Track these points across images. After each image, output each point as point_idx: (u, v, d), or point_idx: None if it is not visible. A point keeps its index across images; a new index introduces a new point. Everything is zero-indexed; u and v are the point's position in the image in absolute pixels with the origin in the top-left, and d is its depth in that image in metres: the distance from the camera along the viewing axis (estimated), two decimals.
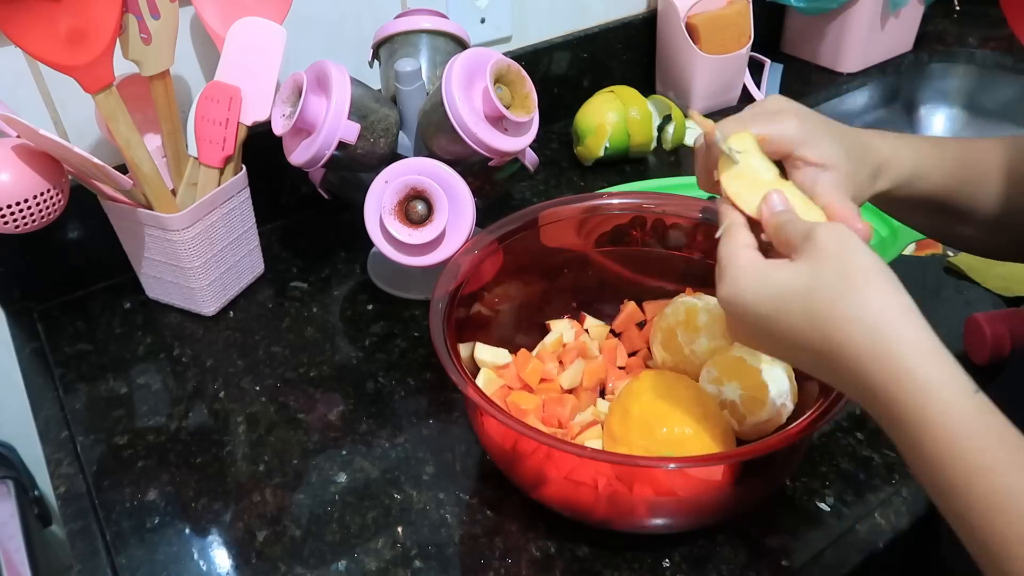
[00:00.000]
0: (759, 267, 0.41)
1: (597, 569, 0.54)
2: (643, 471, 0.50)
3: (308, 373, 0.71)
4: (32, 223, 0.63)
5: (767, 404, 0.55)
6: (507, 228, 0.64)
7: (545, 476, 0.53)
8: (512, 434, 0.52)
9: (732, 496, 0.52)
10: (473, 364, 0.62)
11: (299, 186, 0.90)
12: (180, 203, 0.73)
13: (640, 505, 0.52)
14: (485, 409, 0.49)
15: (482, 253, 0.62)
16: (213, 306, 0.77)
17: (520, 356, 0.63)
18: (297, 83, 0.68)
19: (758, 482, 0.53)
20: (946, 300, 0.75)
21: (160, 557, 0.57)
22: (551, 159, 1.00)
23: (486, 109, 0.67)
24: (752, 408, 0.55)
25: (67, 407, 0.69)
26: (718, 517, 0.55)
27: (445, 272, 0.60)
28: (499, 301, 0.66)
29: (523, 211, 0.65)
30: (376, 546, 0.57)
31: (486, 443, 0.57)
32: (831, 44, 1.15)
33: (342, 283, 0.82)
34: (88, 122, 0.76)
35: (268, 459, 0.63)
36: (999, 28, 1.21)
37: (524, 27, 0.99)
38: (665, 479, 0.51)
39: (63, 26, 0.60)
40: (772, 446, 0.47)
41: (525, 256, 0.66)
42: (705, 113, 1.06)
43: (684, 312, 0.61)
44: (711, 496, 0.52)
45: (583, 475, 0.51)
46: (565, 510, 0.55)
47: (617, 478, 0.50)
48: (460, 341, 0.58)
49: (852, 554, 0.55)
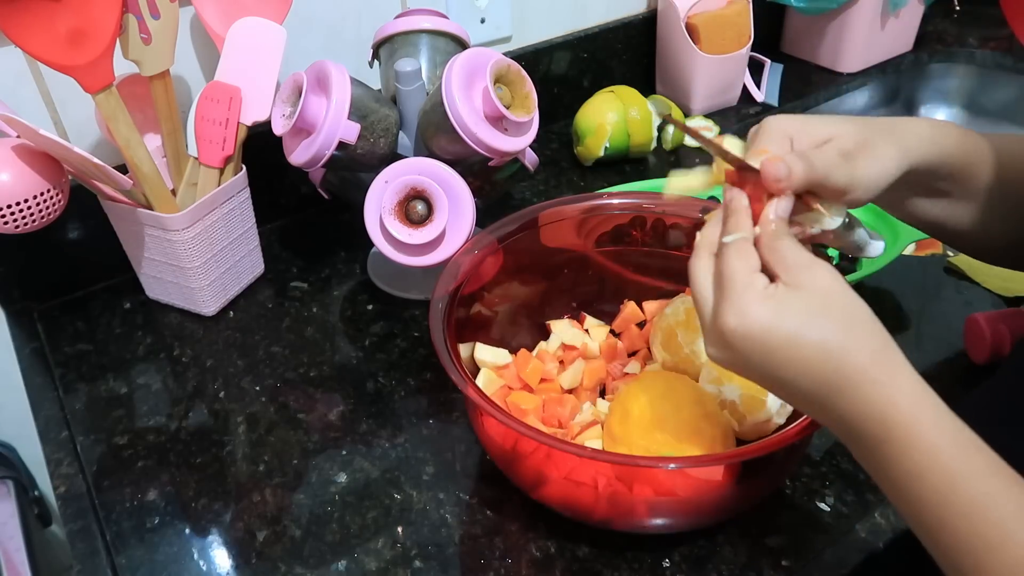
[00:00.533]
0: (773, 299, 0.40)
1: (597, 569, 0.54)
2: (643, 471, 0.50)
3: (308, 373, 0.71)
4: (32, 223, 0.63)
5: (767, 404, 0.55)
6: (507, 228, 0.64)
7: (545, 476, 0.53)
8: (512, 434, 0.52)
9: (732, 496, 0.52)
10: (473, 364, 0.62)
11: (299, 186, 0.90)
12: (180, 203, 0.73)
13: (640, 505, 0.52)
14: (485, 409, 0.49)
15: (482, 253, 0.62)
16: (213, 306, 0.77)
17: (520, 356, 0.63)
18: (297, 83, 0.68)
19: (758, 482, 0.53)
20: (946, 300, 0.75)
21: (160, 557, 0.57)
22: (551, 159, 1.00)
23: (486, 109, 0.67)
24: (752, 408, 0.55)
25: (67, 407, 0.69)
26: (718, 517, 0.55)
27: (445, 272, 0.60)
28: (499, 301, 0.66)
29: (523, 211, 0.65)
30: (376, 546, 0.57)
31: (486, 443, 0.57)
32: (831, 44, 1.15)
33: (342, 283, 0.82)
34: (88, 122, 0.76)
35: (268, 459, 0.63)
36: (999, 28, 1.21)
37: (524, 27, 0.99)
38: (665, 479, 0.51)
39: (63, 26, 0.60)
40: (772, 446, 0.47)
41: (525, 256, 0.66)
42: (705, 113, 1.07)
43: (684, 312, 0.61)
44: (711, 496, 0.52)
45: (583, 475, 0.51)
46: (565, 510, 0.55)
47: (617, 478, 0.50)
48: (460, 341, 0.58)
49: (852, 554, 0.55)
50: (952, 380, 0.66)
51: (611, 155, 0.96)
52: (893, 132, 0.48)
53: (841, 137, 0.46)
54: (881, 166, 0.46)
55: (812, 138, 0.46)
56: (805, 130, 0.46)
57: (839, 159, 0.45)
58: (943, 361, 0.68)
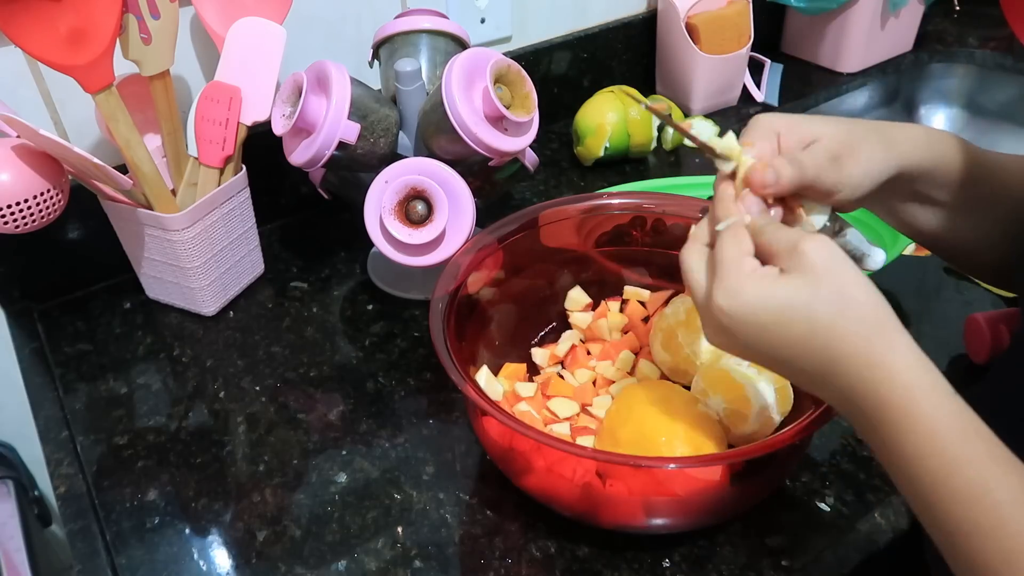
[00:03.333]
0: (764, 279, 0.40)
1: (597, 569, 0.54)
2: (644, 470, 0.50)
3: (308, 373, 0.71)
4: (32, 223, 0.63)
5: (749, 419, 0.55)
6: (507, 228, 0.64)
7: (536, 470, 0.53)
8: (510, 433, 0.52)
9: (731, 497, 0.52)
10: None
11: (299, 186, 0.90)
12: (180, 203, 0.73)
13: (639, 505, 0.52)
14: (485, 409, 0.49)
15: (482, 253, 0.62)
16: (213, 306, 0.77)
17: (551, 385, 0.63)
18: (297, 83, 0.68)
19: (757, 483, 0.53)
20: (946, 300, 0.75)
21: (160, 557, 0.57)
22: (551, 159, 1.00)
23: (486, 109, 0.67)
24: (735, 422, 0.55)
25: (67, 407, 0.69)
26: (718, 518, 0.55)
27: (445, 272, 0.60)
28: (499, 301, 0.66)
29: (523, 211, 0.65)
30: (376, 546, 0.57)
31: (486, 443, 0.57)
32: (831, 44, 1.15)
33: (342, 283, 0.82)
34: (88, 122, 0.76)
35: (268, 459, 0.63)
36: (999, 28, 1.21)
37: (524, 27, 0.99)
38: (665, 479, 0.51)
39: (63, 26, 0.60)
40: (770, 447, 0.47)
41: (525, 256, 0.66)
42: (705, 113, 1.07)
43: (684, 312, 0.61)
44: (710, 497, 0.52)
45: (581, 473, 0.51)
46: (564, 510, 0.55)
47: (612, 476, 0.50)
48: (460, 341, 0.58)
49: (852, 554, 0.55)
50: (952, 380, 0.65)
51: (611, 155, 0.95)
52: (882, 133, 0.48)
53: (828, 138, 0.46)
54: (867, 167, 0.46)
55: (799, 137, 0.46)
56: (793, 129, 0.46)
57: (827, 161, 0.45)
58: (943, 361, 0.68)
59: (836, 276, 0.39)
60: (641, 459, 0.50)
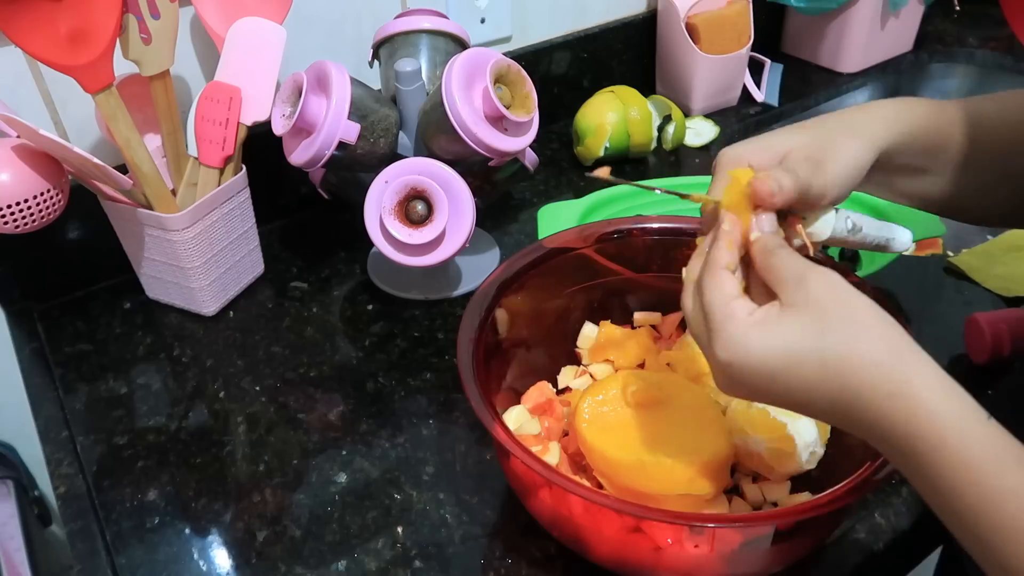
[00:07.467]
0: (763, 323, 0.39)
1: (598, 569, 0.54)
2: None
3: (308, 373, 0.71)
4: (32, 223, 0.63)
5: (795, 457, 0.53)
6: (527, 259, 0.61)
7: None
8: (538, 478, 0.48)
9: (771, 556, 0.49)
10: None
11: (299, 186, 0.90)
12: (180, 203, 0.73)
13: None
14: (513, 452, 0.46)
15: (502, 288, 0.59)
16: (213, 306, 0.77)
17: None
18: (297, 83, 0.68)
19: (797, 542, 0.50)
20: (946, 300, 0.75)
21: (160, 557, 0.57)
22: (551, 159, 1.00)
23: (486, 109, 0.67)
24: (780, 460, 0.54)
25: (67, 407, 0.69)
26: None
27: (469, 311, 0.56)
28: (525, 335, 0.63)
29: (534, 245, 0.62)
30: (376, 546, 0.57)
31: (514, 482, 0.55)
32: (831, 44, 1.15)
33: (342, 283, 0.82)
34: (88, 122, 0.76)
35: (268, 459, 0.63)
36: (999, 28, 1.21)
37: (524, 27, 0.99)
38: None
39: (63, 26, 0.60)
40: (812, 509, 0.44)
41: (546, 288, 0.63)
42: (705, 113, 1.07)
43: None
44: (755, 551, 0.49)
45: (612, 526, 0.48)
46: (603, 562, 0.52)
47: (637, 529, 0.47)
48: (488, 375, 0.55)
49: (852, 554, 0.55)
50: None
51: (611, 155, 0.96)
52: (850, 123, 0.47)
53: (799, 147, 0.45)
54: (846, 162, 0.45)
55: (770, 156, 0.45)
56: (760, 151, 0.46)
57: (810, 167, 0.44)
58: (943, 361, 0.68)
59: (842, 305, 0.38)
60: (685, 516, 0.46)
